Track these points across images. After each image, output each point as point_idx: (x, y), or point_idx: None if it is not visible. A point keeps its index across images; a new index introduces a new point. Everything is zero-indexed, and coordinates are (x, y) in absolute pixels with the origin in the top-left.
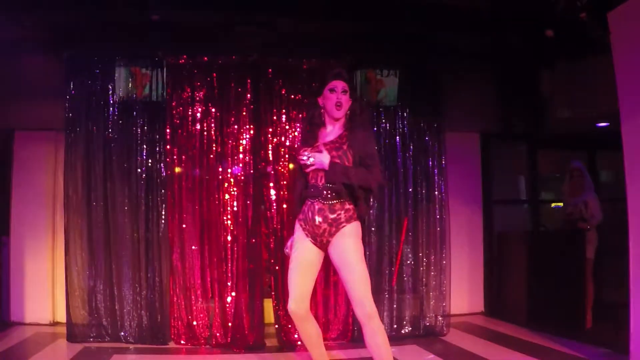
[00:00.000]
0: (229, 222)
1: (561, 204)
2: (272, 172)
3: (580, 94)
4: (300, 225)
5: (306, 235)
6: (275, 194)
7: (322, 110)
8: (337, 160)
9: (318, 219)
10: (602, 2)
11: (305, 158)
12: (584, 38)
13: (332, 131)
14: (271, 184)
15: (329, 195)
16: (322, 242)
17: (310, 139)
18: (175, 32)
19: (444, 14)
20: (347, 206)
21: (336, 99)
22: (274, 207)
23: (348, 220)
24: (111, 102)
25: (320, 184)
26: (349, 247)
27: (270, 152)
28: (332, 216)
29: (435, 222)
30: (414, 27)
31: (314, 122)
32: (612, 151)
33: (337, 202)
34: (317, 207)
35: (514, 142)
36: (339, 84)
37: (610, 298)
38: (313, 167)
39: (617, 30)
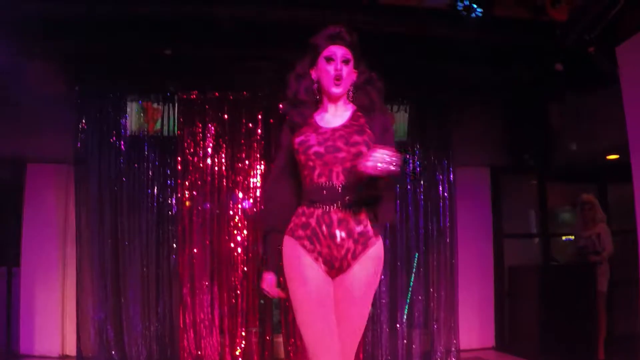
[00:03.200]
0: (240, 257)
1: (572, 237)
2: None
3: (590, 127)
4: (304, 245)
5: (315, 259)
6: None
7: (314, 86)
8: (364, 148)
9: (340, 233)
10: (610, 36)
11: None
12: (592, 71)
13: (336, 112)
14: None
15: (351, 201)
16: (340, 268)
17: (300, 120)
18: (187, 67)
19: (453, 48)
20: (370, 214)
21: (335, 72)
22: None
23: (376, 235)
24: (123, 135)
25: (338, 184)
26: (369, 277)
27: None
28: (358, 229)
29: (445, 257)
30: (423, 61)
31: (301, 99)
32: (623, 183)
33: (362, 210)
34: (335, 217)
35: (524, 176)
36: (339, 50)
37: (624, 330)
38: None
39: (625, 63)
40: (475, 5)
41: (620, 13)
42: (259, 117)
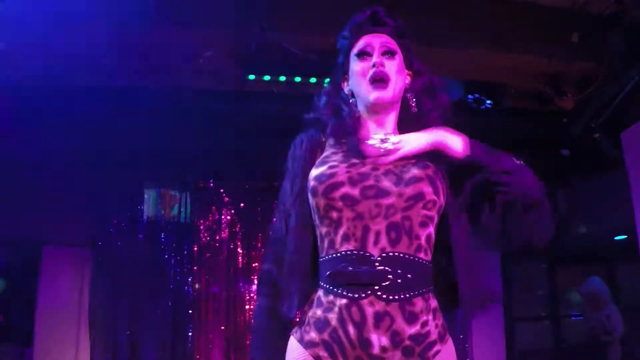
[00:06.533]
0: None
1: (581, 317)
2: None
3: (597, 210)
4: (319, 358)
5: None
6: None
7: (352, 103)
8: (427, 188)
9: (380, 340)
10: (615, 122)
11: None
12: (598, 156)
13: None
14: None
15: (399, 281)
16: None
17: (342, 130)
18: (205, 156)
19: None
20: (433, 302)
21: (372, 68)
22: None
23: (443, 338)
24: (140, 221)
25: (377, 254)
26: None
27: None
28: (412, 330)
29: (457, 342)
30: None
31: (340, 124)
32: (631, 262)
33: (417, 295)
34: (370, 311)
35: (533, 261)
36: (376, 40)
37: None
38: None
39: (629, 148)
40: (484, 98)
41: (624, 101)
42: (274, 205)
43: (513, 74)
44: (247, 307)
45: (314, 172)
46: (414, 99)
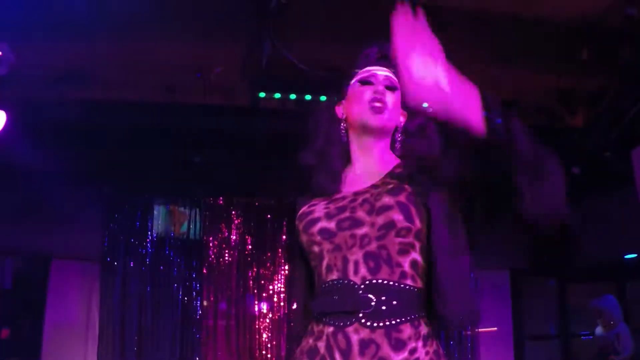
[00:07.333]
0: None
1: (591, 336)
2: None
3: (607, 227)
4: None
5: None
6: None
7: (342, 128)
8: (397, 216)
9: None
10: (625, 140)
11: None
12: (609, 173)
13: (367, 165)
14: None
15: (383, 308)
16: None
17: (329, 182)
18: (214, 173)
19: (476, 156)
20: (424, 328)
21: (373, 92)
22: None
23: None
24: (149, 238)
25: (358, 282)
26: None
27: None
28: (399, 357)
29: None
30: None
31: (329, 152)
32: None
33: (405, 321)
34: (355, 339)
35: (543, 278)
36: (380, 71)
37: None
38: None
39: None
40: (494, 116)
41: (635, 119)
42: (284, 223)
43: (523, 91)
44: (255, 324)
45: (299, 213)
46: (401, 141)
